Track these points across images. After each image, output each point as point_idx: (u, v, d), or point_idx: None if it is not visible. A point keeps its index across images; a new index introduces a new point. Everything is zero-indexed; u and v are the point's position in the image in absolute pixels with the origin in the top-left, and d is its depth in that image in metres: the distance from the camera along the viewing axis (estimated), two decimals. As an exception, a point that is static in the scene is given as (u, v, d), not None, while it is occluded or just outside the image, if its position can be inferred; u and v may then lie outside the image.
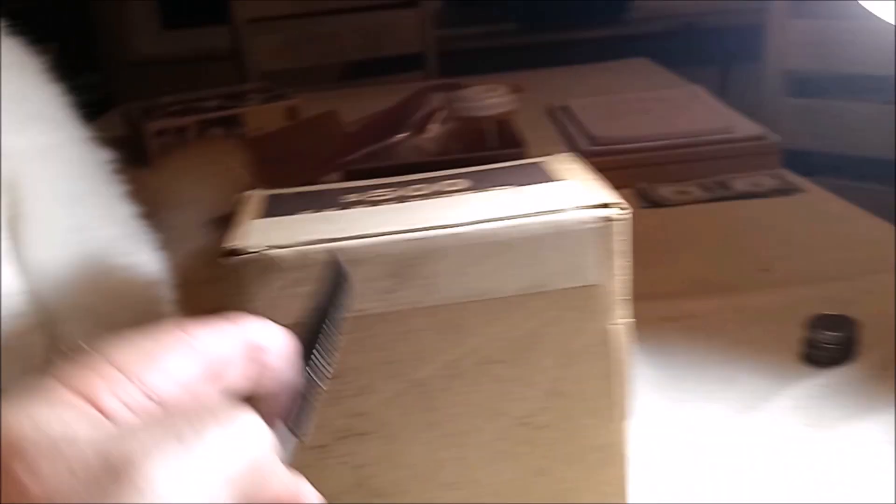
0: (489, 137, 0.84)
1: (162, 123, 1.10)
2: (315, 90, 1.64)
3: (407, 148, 0.84)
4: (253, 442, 0.25)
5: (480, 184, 0.46)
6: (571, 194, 0.43)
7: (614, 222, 0.41)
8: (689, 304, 0.71)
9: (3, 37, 0.51)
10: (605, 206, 0.41)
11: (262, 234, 0.41)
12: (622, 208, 0.41)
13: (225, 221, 0.47)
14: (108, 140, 1.28)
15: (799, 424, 0.54)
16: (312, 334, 0.30)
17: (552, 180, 0.45)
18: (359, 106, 1.22)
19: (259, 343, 0.28)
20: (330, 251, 0.39)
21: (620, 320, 0.43)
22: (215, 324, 0.27)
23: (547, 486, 0.45)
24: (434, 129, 0.84)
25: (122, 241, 0.52)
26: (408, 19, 1.95)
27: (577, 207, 0.41)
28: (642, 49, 1.78)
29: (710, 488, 0.49)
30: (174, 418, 0.24)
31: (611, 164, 1.02)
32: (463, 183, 0.47)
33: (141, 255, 0.54)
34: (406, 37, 1.95)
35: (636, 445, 0.51)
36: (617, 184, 1.07)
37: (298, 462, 0.43)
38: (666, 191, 0.98)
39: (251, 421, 0.25)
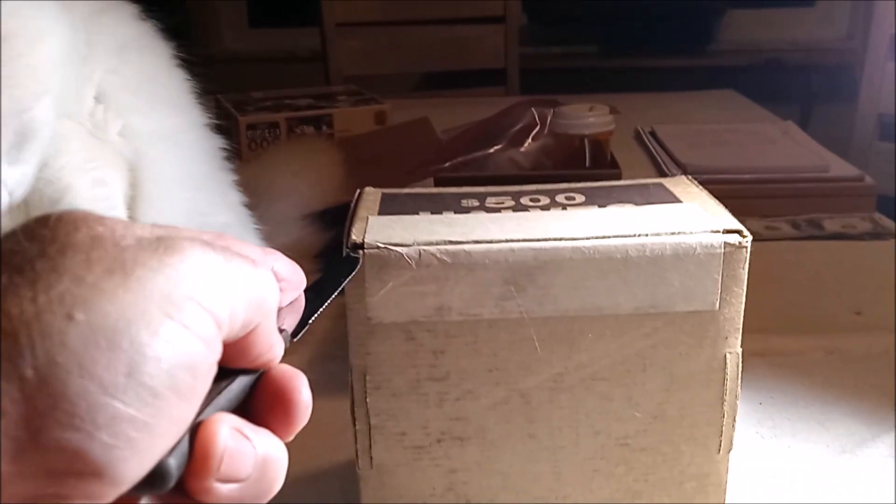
0: (584, 156, 0.83)
1: (254, 117, 1.12)
2: (400, 97, 1.66)
3: (501, 160, 0.85)
4: (271, 289, 0.27)
5: (598, 199, 0.46)
6: (694, 217, 0.42)
7: (737, 249, 0.40)
8: (779, 341, 0.69)
9: (136, 21, 0.52)
10: (729, 231, 0.41)
11: (384, 230, 0.41)
12: (744, 235, 0.40)
13: (321, 217, 0.47)
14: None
15: (894, 473, 0.52)
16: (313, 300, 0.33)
17: (672, 202, 0.45)
18: (442, 115, 1.23)
19: (278, 271, 0.31)
20: (449, 253, 0.39)
21: (733, 349, 0.42)
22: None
23: (640, 510, 0.44)
24: (530, 144, 0.84)
25: (236, 228, 0.53)
26: (492, 34, 1.95)
27: (702, 231, 0.40)
28: (723, 81, 1.76)
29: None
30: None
31: (698, 193, 1.01)
32: (580, 197, 0.46)
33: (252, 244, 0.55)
34: (490, 51, 1.96)
35: (734, 479, 0.50)
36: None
37: (394, 460, 0.43)
38: (755, 225, 0.96)
39: (272, 278, 0.28)
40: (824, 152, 1.11)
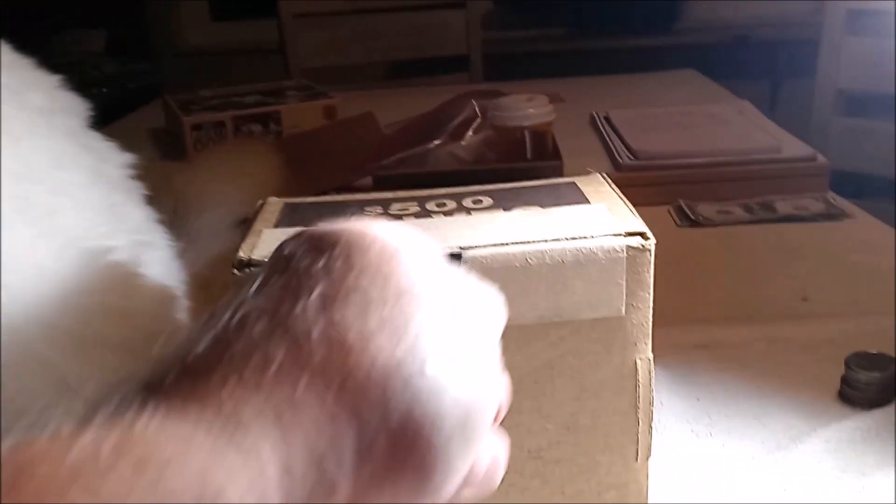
0: (525, 148, 0.82)
1: (199, 118, 1.10)
2: (359, 89, 1.64)
3: (442, 155, 0.83)
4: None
5: (505, 202, 0.44)
6: (598, 220, 0.41)
7: (640, 252, 0.39)
8: (722, 332, 0.68)
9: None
10: (633, 234, 0.39)
11: (273, 244, 0.39)
12: (647, 238, 0.39)
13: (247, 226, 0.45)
14: (149, 132, 1.28)
15: (833, 469, 0.51)
16: None
17: (580, 203, 0.43)
18: (399, 107, 1.21)
19: None
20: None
21: (643, 355, 0.40)
22: None
23: (558, 523, 0.43)
24: (470, 137, 0.83)
25: (135, 250, 0.50)
26: (455, 20, 1.93)
27: (604, 234, 0.39)
28: (692, 59, 1.74)
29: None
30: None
31: (651, 179, 0.99)
32: (487, 200, 0.45)
33: (152, 267, 0.53)
34: (452, 38, 1.93)
35: (656, 483, 0.49)
36: (656, 200, 1.05)
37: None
38: (707, 210, 0.95)
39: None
40: (779, 132, 1.10)
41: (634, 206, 0.43)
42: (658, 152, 1.01)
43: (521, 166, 0.78)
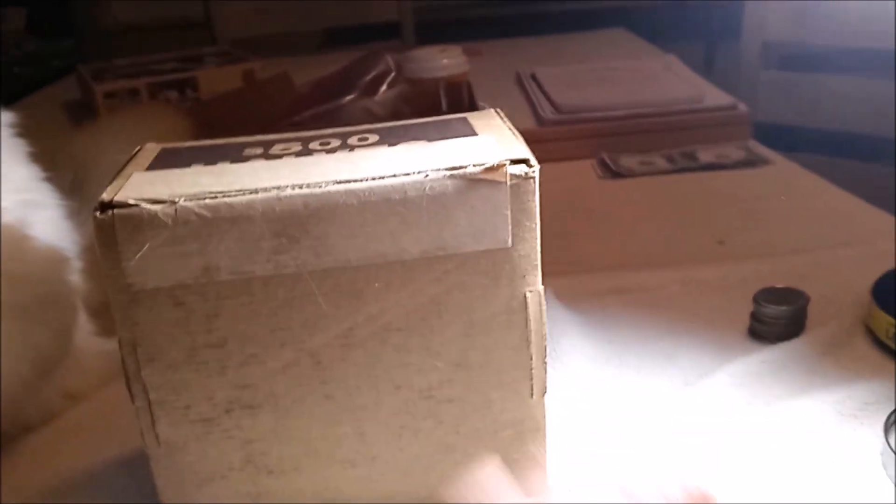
0: (441, 101, 0.80)
1: (111, 85, 1.06)
2: (290, 56, 1.60)
3: (356, 110, 0.81)
4: None
5: (391, 138, 0.43)
6: (482, 149, 0.39)
7: (524, 180, 0.37)
8: (637, 276, 0.67)
9: None
10: (517, 162, 0.38)
11: (141, 187, 0.37)
12: (531, 165, 0.38)
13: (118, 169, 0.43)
14: (63, 104, 1.23)
15: (739, 401, 0.51)
16: None
17: (467, 135, 0.42)
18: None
19: None
20: (209, 207, 0.36)
21: (533, 287, 0.39)
22: None
23: (456, 464, 0.42)
24: (384, 92, 0.81)
25: (18, 211, 0.48)
26: (385, -14, 1.90)
27: (485, 163, 0.37)
28: (627, 22, 1.73)
29: (642, 467, 0.46)
30: None
31: (574, 133, 0.98)
32: (373, 137, 0.43)
33: (41, 227, 0.50)
34: (383, 5, 1.91)
35: (568, 421, 0.48)
36: (581, 154, 1.04)
37: (182, 436, 0.40)
38: (630, 161, 0.94)
39: None
40: (702, 83, 1.10)
41: (559, 160, 0.42)
42: (581, 105, 1.00)
43: (437, 120, 0.76)
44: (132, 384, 0.38)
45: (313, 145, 0.43)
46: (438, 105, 0.80)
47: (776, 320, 0.56)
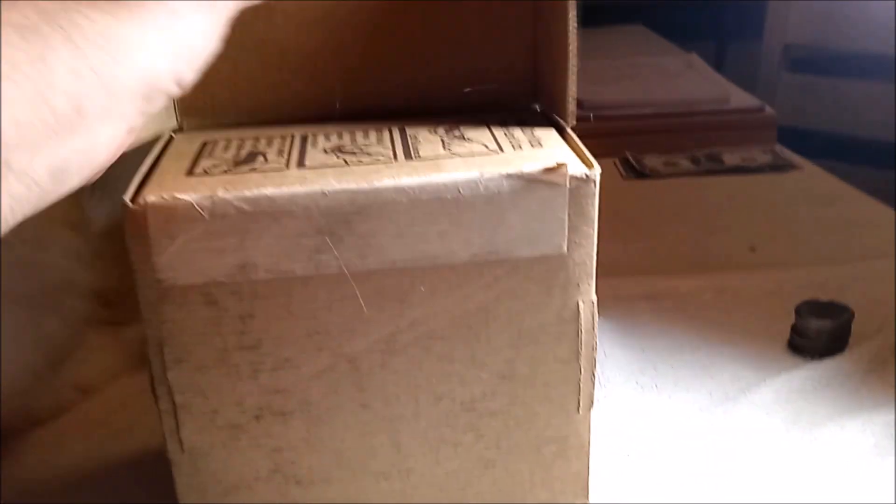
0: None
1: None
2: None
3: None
4: None
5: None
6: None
7: (584, 183, 0.35)
8: (669, 282, 0.65)
9: None
10: (575, 166, 0.35)
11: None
12: (591, 167, 0.35)
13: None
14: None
15: (779, 421, 0.48)
16: None
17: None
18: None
19: None
20: (248, 200, 0.33)
21: (586, 297, 0.37)
22: None
23: (495, 481, 0.39)
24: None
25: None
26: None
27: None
28: (640, 18, 1.71)
29: (678, 488, 0.44)
30: None
31: (597, 130, 0.96)
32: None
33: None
34: None
35: (600, 438, 0.46)
36: (603, 152, 1.01)
37: (208, 442, 0.37)
38: (654, 161, 0.92)
39: None
40: (727, 84, 1.08)
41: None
42: (604, 102, 0.98)
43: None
44: (157, 386, 0.36)
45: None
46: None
47: (819, 335, 0.53)
